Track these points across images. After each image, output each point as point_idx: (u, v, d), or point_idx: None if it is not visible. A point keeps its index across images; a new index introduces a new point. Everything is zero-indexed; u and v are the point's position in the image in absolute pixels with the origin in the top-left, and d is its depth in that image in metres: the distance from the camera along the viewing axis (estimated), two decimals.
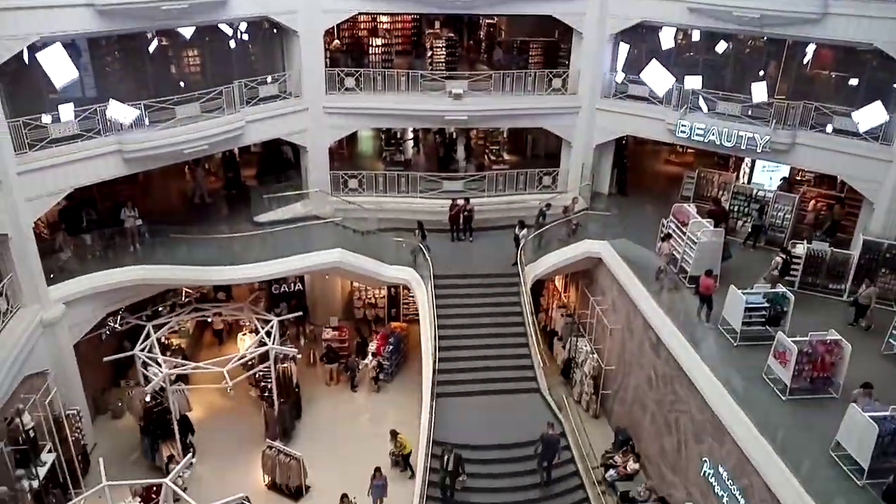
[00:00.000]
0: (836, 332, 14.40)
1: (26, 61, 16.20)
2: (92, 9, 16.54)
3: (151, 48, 19.25)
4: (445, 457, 16.04)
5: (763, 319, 15.89)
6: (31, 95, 16.76)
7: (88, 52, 18.06)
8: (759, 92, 19.35)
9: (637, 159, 26.98)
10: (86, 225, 20.46)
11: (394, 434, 18.40)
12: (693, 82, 20.30)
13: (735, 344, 15.80)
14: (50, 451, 16.40)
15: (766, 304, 15.87)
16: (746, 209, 21.08)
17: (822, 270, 18.12)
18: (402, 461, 18.51)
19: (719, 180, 22.81)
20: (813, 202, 21.37)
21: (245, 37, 21.30)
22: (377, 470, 17.00)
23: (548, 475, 16.79)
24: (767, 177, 23.40)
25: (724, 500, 14.06)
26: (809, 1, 18.22)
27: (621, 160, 25.21)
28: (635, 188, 24.83)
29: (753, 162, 23.54)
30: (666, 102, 21.70)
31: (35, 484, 15.51)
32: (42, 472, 15.77)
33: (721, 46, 21.24)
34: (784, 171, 22.88)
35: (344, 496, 16.16)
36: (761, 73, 20.93)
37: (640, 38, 22.40)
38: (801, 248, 18.31)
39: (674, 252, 19.00)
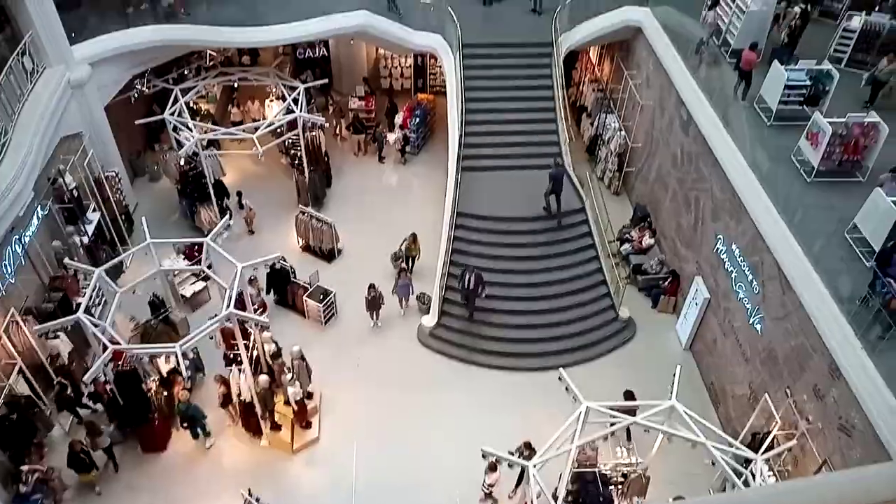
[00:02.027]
0: (876, 114, 13.90)
1: None
2: None
3: None
4: (466, 276, 16.06)
5: (802, 98, 15.24)
6: None
7: None
8: None
9: None
10: None
11: (414, 237, 18.13)
12: None
13: (768, 123, 15.32)
14: (95, 211, 17.41)
15: (808, 83, 15.15)
16: None
17: (875, 47, 16.86)
18: (405, 261, 17.99)
19: None
20: None
21: None
22: (402, 271, 17.19)
23: (558, 206, 17.42)
24: None
25: (734, 275, 14.70)
26: None
27: None
28: None
29: None
30: None
31: (85, 240, 16.72)
32: (90, 229, 16.91)
33: None
34: None
35: (371, 286, 16.63)
36: None
37: None
38: (856, 21, 16.90)
39: (719, 22, 17.77)
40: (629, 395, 13.81)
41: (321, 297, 17.01)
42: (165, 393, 14.19)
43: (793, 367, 12.67)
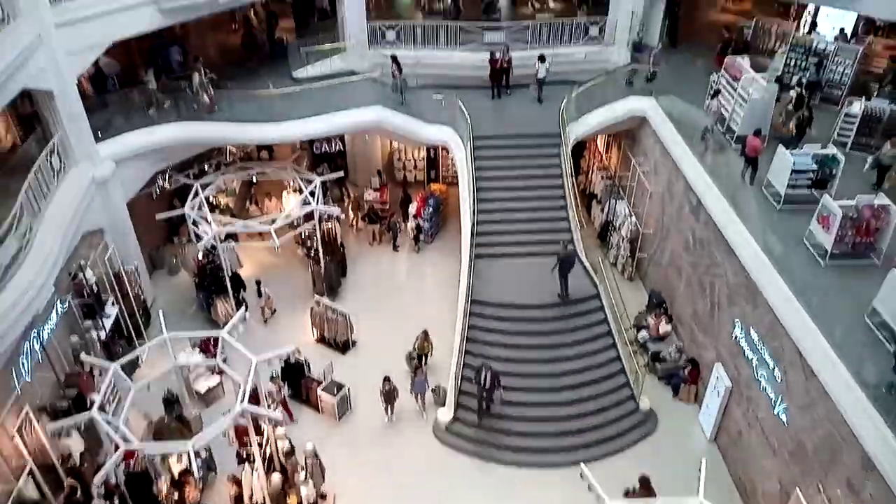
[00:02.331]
0: (885, 196, 13.99)
1: None
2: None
3: None
4: (483, 373, 15.75)
5: (809, 182, 15.39)
6: None
7: None
8: None
9: (690, 7, 25.12)
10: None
11: (426, 334, 18.03)
12: None
13: (778, 208, 15.44)
14: (113, 305, 17.58)
15: (815, 167, 15.34)
16: (804, 63, 19.73)
17: (877, 131, 17.13)
18: (418, 359, 17.92)
19: (777, 30, 21.28)
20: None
21: None
22: (417, 368, 17.12)
23: (566, 288, 17.44)
24: (831, 27, 21.71)
25: (754, 361, 14.42)
26: None
27: (673, 8, 23.54)
28: (687, 39, 23.36)
29: (817, 10, 21.75)
30: None
31: (102, 335, 16.81)
32: (108, 323, 17.02)
33: None
34: (850, 20, 21.11)
35: (386, 379, 16.42)
36: None
37: None
38: (857, 106, 17.26)
39: (722, 110, 18.22)
40: (645, 482, 13.31)
41: (335, 390, 16.82)
42: (176, 495, 13.83)
43: (823, 459, 12.22)
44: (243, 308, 18.36)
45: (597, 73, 21.77)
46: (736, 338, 15.17)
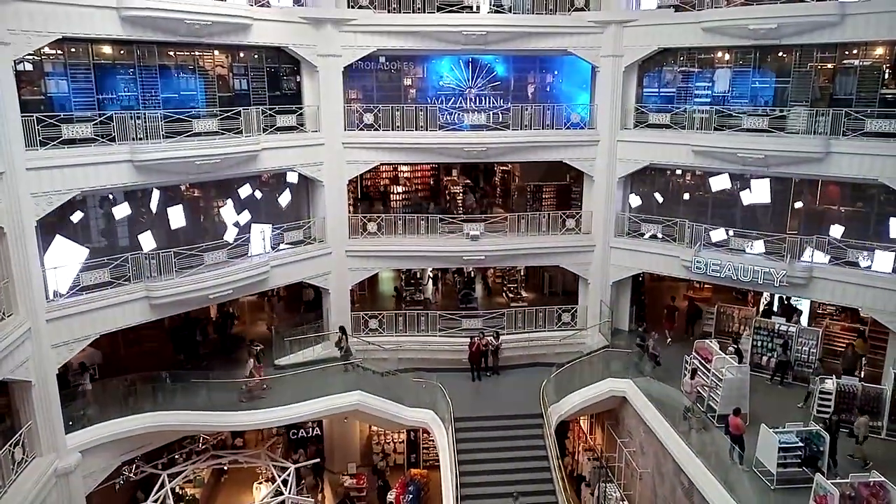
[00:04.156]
0: (878, 473, 13.68)
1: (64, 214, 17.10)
2: (130, 164, 17.57)
3: (182, 198, 20.08)
4: None
5: (799, 460, 15.17)
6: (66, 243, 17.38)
7: (124, 201, 18.75)
8: None
9: (655, 295, 27.01)
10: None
11: None
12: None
13: (773, 487, 14.98)
14: None
15: (801, 444, 15.23)
16: (770, 344, 20.68)
17: (854, 406, 17.42)
18: None
19: (739, 315, 22.67)
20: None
21: (272, 185, 22.13)
22: None
23: None
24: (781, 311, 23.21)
25: None
26: (812, 141, 18.99)
27: (639, 296, 25.27)
28: (655, 324, 24.61)
29: (772, 296, 23.47)
30: (679, 239, 22.08)
31: None
32: None
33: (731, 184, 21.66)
34: (804, 303, 22.70)
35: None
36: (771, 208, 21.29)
37: (650, 178, 23.21)
38: (829, 384, 17.78)
39: (699, 389, 18.53)
40: None
41: None
42: None
43: None
44: None
45: (574, 355, 22.47)
46: None
